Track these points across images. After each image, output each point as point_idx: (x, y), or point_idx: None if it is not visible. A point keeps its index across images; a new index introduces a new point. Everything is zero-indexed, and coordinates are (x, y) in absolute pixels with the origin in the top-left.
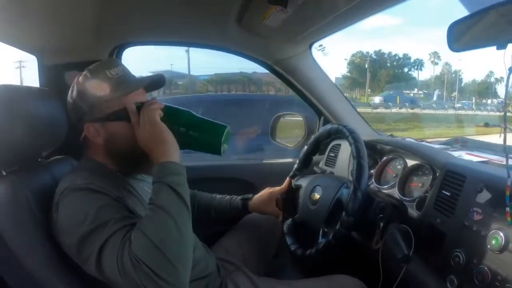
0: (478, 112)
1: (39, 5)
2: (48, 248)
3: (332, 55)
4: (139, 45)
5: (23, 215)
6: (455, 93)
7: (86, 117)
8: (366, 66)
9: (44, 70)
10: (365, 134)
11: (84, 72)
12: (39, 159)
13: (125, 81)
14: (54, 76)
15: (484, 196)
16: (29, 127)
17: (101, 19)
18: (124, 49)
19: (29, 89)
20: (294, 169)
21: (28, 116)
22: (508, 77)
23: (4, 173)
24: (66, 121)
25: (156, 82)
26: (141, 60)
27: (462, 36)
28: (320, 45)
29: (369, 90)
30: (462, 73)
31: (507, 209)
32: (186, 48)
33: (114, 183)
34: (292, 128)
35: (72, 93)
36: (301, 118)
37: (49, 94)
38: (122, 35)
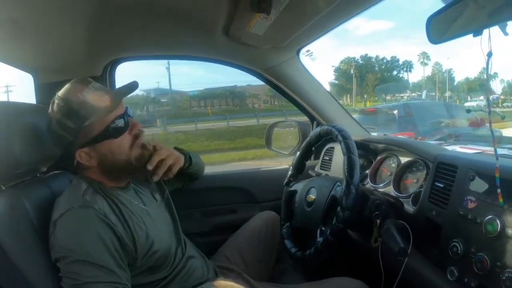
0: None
1: (33, 25)
2: (48, 259)
3: (328, 63)
4: (131, 60)
5: (23, 227)
6: (448, 93)
7: (74, 145)
8: (352, 72)
9: (39, 88)
10: (357, 134)
11: (56, 102)
12: (38, 174)
13: (101, 100)
14: (50, 93)
15: (477, 184)
16: (26, 142)
17: (94, 37)
18: (118, 65)
19: (26, 106)
20: (288, 175)
21: (25, 132)
22: (488, 62)
23: (4, 188)
24: None
25: (130, 89)
26: (133, 77)
27: (440, 28)
28: (308, 51)
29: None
30: (454, 71)
31: (498, 190)
32: (167, 65)
33: (112, 202)
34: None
35: (52, 126)
36: (296, 126)
37: (45, 110)
38: (114, 51)
